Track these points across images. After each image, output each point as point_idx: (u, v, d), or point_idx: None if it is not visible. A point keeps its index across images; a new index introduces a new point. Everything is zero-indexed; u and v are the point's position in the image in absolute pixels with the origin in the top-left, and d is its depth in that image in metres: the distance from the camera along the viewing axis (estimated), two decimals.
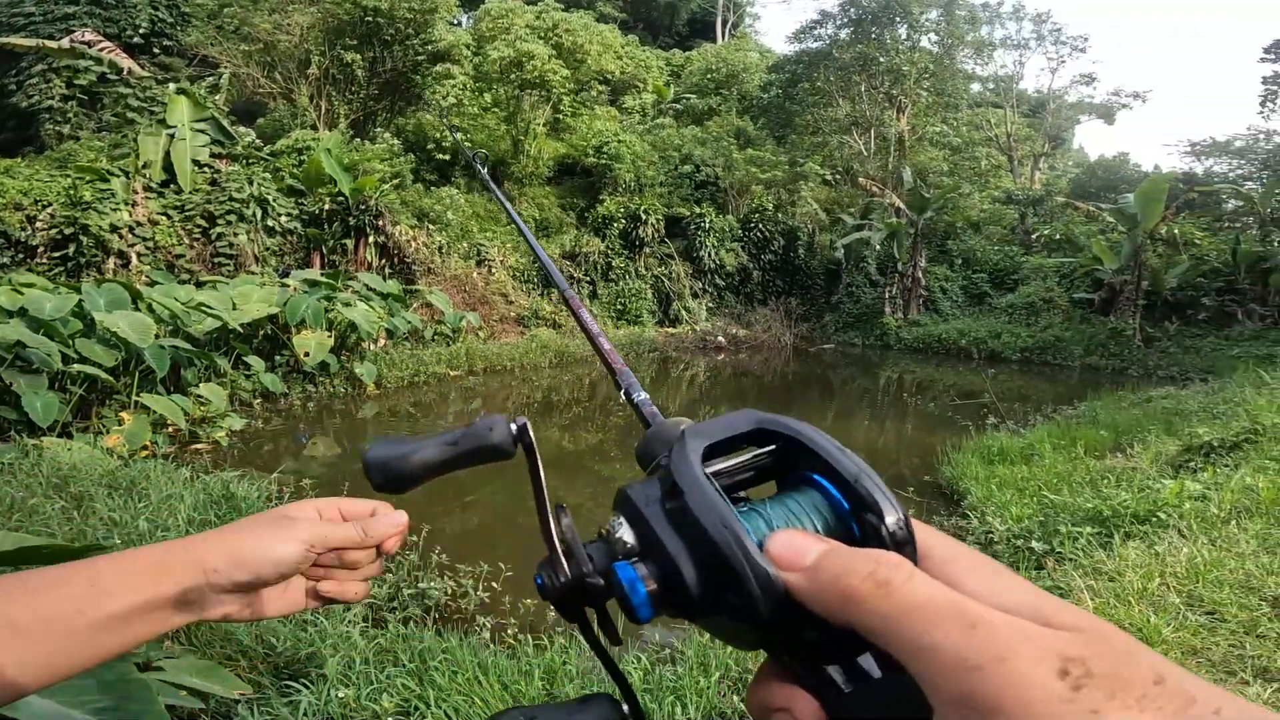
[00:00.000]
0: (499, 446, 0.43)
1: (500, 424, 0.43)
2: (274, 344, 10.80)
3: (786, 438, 0.37)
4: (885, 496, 0.33)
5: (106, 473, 5.31)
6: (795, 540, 0.32)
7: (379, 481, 0.41)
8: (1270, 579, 3.29)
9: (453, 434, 0.43)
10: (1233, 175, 22.46)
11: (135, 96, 13.80)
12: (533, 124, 19.94)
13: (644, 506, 0.36)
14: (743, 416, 0.38)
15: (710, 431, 0.37)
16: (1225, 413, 7.81)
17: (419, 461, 0.41)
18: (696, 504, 0.32)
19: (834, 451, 0.35)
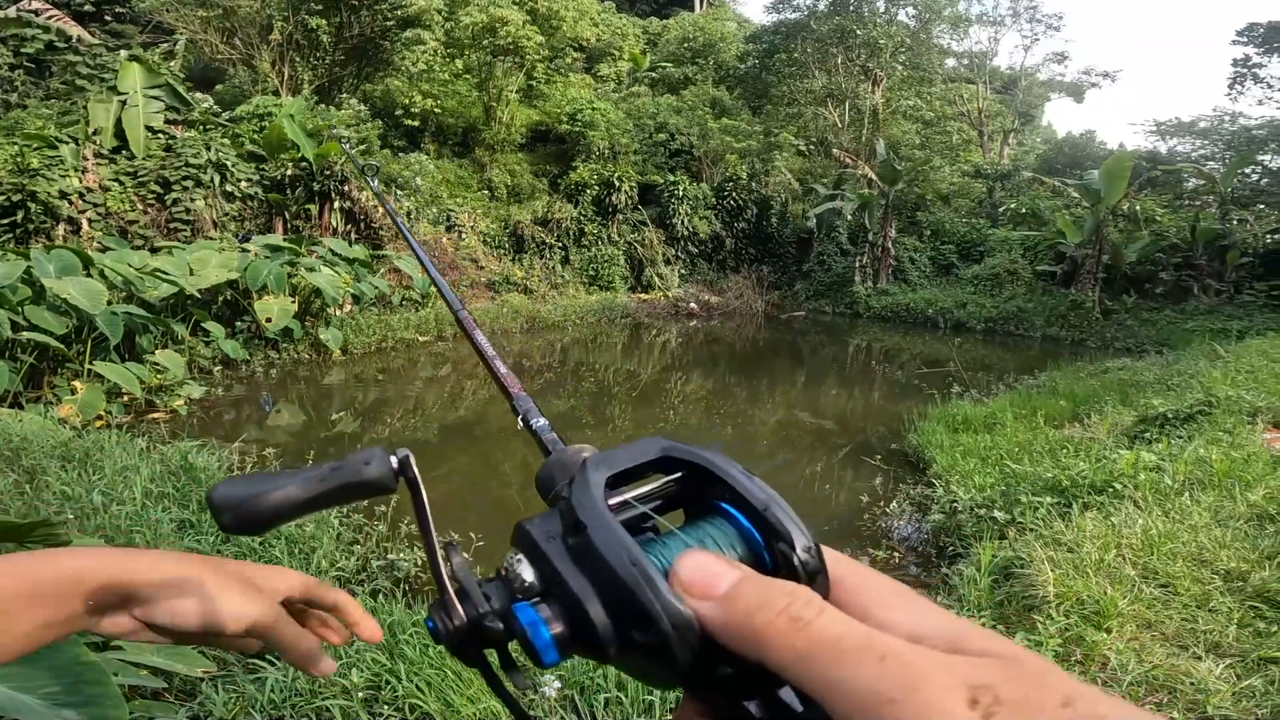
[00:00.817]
0: (375, 482, 0.39)
1: (378, 458, 0.39)
2: (235, 310, 10.53)
3: (693, 465, 0.35)
4: (795, 525, 0.32)
5: (59, 444, 5.14)
6: (706, 564, 0.30)
7: (229, 524, 0.36)
8: (1223, 552, 3.40)
9: (320, 469, 0.38)
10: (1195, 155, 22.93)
11: (85, 64, 13.22)
12: (505, 91, 19.46)
13: (544, 543, 0.33)
14: (648, 445, 0.36)
15: (613, 461, 0.35)
16: (1180, 385, 8.05)
17: (276, 501, 0.37)
18: (600, 539, 0.31)
19: (742, 479, 0.34)
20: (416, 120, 18.64)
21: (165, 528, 3.80)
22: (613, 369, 12.51)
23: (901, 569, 4.82)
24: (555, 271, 18.00)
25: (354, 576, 4.19)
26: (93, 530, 3.60)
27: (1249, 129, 20.84)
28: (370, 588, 4.07)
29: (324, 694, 2.70)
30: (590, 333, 15.79)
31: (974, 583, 3.57)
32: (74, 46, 13.83)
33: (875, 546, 5.07)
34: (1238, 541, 3.53)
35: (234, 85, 18.20)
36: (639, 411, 9.70)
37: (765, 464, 7.56)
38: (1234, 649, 2.69)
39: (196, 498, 4.44)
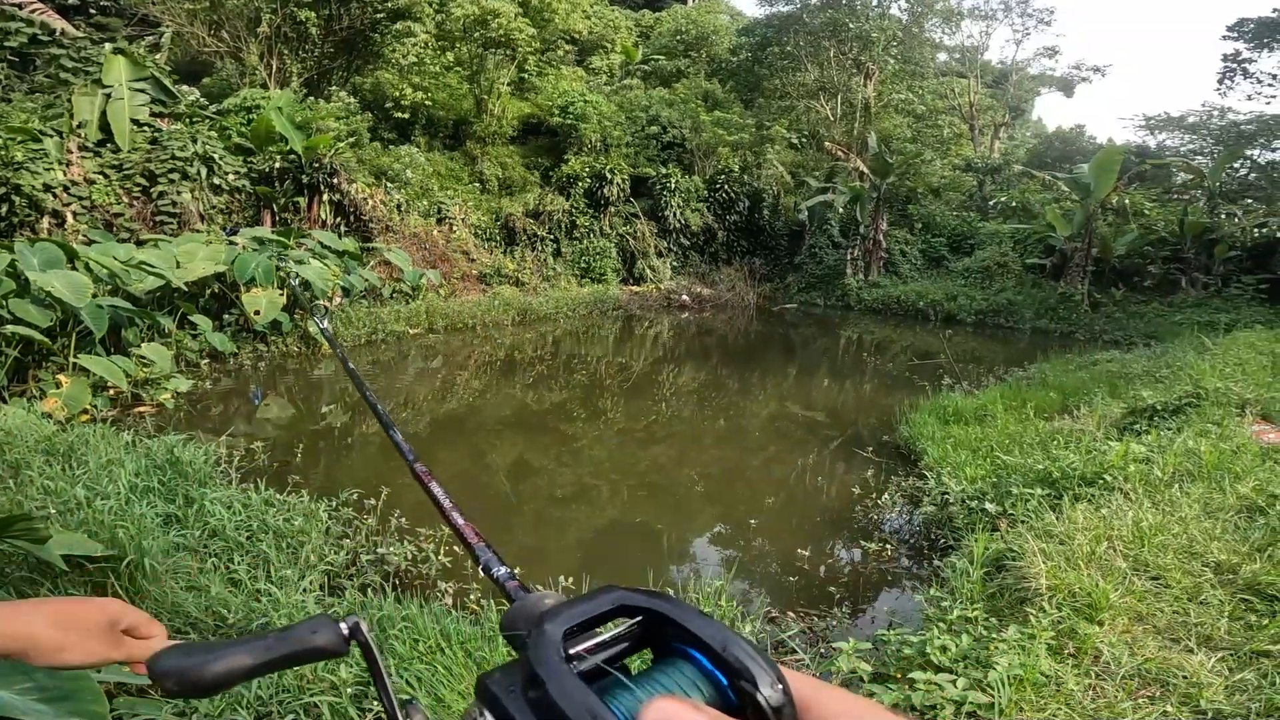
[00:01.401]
0: (324, 650, 0.39)
1: (326, 626, 0.40)
2: (222, 303, 10.43)
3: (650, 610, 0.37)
4: (755, 661, 0.33)
5: (43, 438, 5.06)
6: (673, 712, 0.30)
7: (171, 690, 0.36)
8: (1213, 544, 3.40)
9: (266, 639, 0.39)
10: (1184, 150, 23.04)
11: (69, 57, 13.04)
12: (497, 83, 19.33)
13: (505, 696, 0.34)
14: (604, 597, 0.37)
15: (570, 615, 0.36)
16: (1168, 377, 8.10)
17: (221, 671, 0.37)
18: (558, 694, 0.31)
19: (697, 622, 0.35)
20: (407, 113, 18.50)
21: (150, 522, 3.75)
22: (605, 361, 12.47)
23: (893, 561, 4.82)
24: (547, 264, 17.93)
25: (343, 571, 4.15)
26: (76, 525, 3.54)
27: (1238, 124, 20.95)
28: (360, 582, 4.03)
29: (312, 690, 2.67)
30: (582, 325, 15.74)
31: (966, 575, 3.58)
32: (58, 40, 13.67)
33: (867, 539, 5.07)
34: (1228, 533, 3.54)
35: (221, 78, 18.02)
36: (631, 404, 9.67)
37: (758, 456, 7.56)
38: (1226, 642, 2.70)
39: (183, 492, 4.38)
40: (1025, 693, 2.45)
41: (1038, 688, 2.49)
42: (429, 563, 4.37)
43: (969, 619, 3.05)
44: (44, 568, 3.02)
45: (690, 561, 5.20)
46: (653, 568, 4.72)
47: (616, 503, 6.35)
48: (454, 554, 4.57)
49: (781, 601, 4.26)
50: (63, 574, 3.05)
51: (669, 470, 7.18)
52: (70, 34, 14.00)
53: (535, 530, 5.61)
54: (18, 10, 14.08)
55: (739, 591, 4.39)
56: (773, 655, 3.44)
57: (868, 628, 3.92)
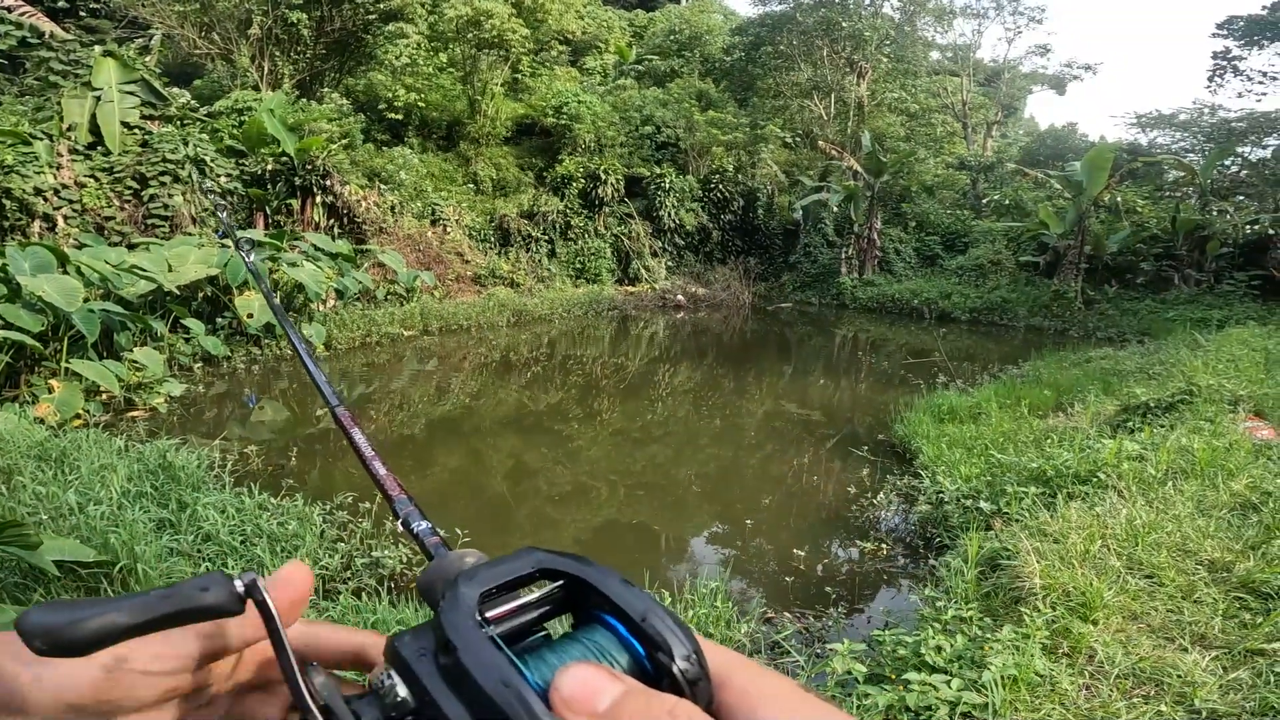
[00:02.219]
0: (216, 607, 0.36)
1: (219, 582, 0.36)
2: (215, 306, 10.39)
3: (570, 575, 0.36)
4: (673, 633, 0.32)
5: (36, 444, 5.04)
6: (589, 678, 0.29)
7: (41, 649, 0.33)
8: (1206, 542, 3.41)
9: (149, 596, 0.35)
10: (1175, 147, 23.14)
11: (59, 60, 12.99)
12: (490, 84, 19.29)
13: (415, 661, 0.32)
14: (522, 559, 0.36)
15: (485, 578, 0.34)
16: (1161, 374, 8.13)
17: (95, 629, 0.33)
18: (471, 661, 0.30)
19: (619, 589, 0.34)
20: (400, 114, 18.46)
21: (143, 528, 3.73)
22: (600, 362, 12.47)
23: (889, 560, 4.83)
24: (542, 265, 17.91)
25: (338, 574, 4.14)
26: (68, 531, 3.52)
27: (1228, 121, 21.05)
28: (354, 585, 4.02)
29: None
30: (577, 326, 15.73)
31: (961, 574, 3.58)
32: (47, 43, 13.62)
33: (863, 538, 5.08)
34: (1221, 531, 3.55)
35: (212, 80, 17.95)
36: (627, 404, 9.67)
37: (754, 455, 7.57)
38: (1220, 641, 2.70)
39: (176, 496, 4.36)
40: (1020, 693, 2.46)
41: (1032, 688, 2.49)
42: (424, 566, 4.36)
43: (964, 619, 3.06)
44: (37, 574, 3.00)
45: (687, 561, 5.20)
46: (649, 567, 4.72)
47: (613, 503, 6.35)
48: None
49: (778, 601, 4.26)
50: (55, 579, 3.03)
51: (665, 470, 7.17)
52: (60, 36, 13.94)
53: (532, 531, 5.60)
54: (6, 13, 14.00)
55: (736, 591, 4.39)
56: (768, 656, 3.44)
57: (863, 627, 3.93)
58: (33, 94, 13.22)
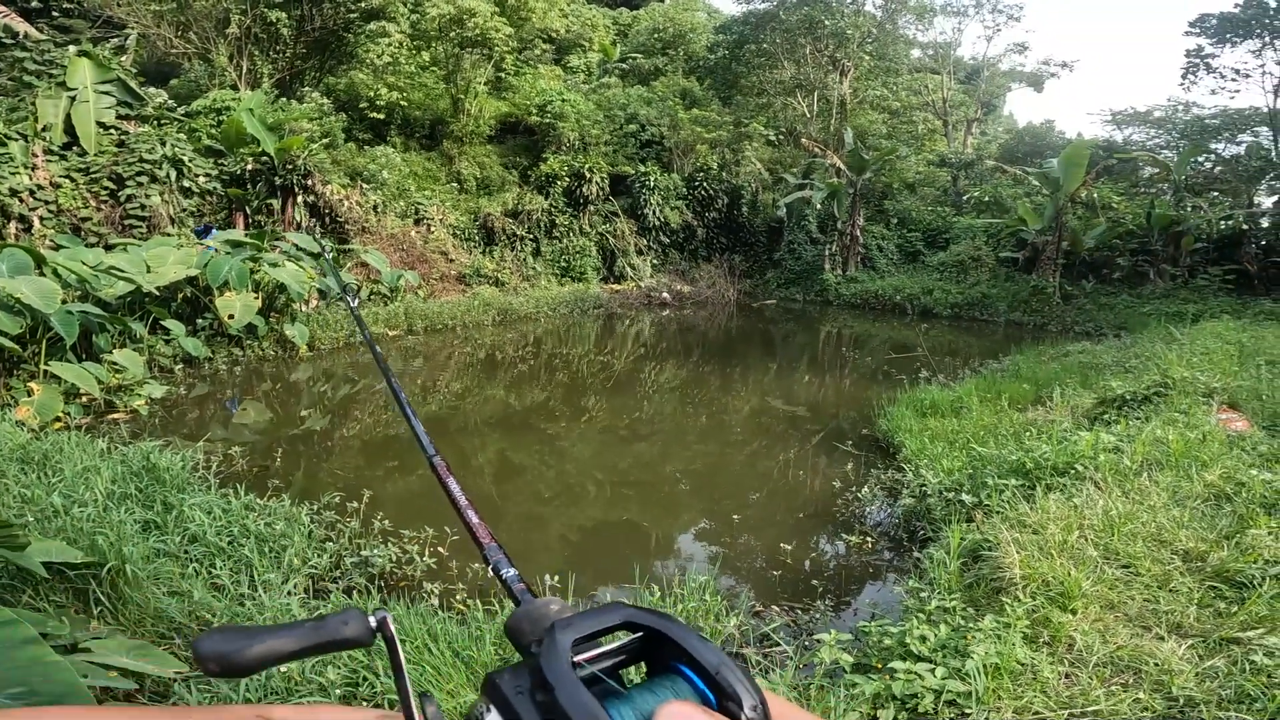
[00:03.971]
0: (355, 640, 0.43)
1: (357, 619, 0.43)
2: (195, 307, 10.27)
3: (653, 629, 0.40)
4: (744, 686, 0.36)
5: (17, 447, 4.97)
6: (690, 714, 0.34)
7: (214, 670, 0.39)
8: (1181, 532, 3.50)
9: (303, 627, 0.41)
10: (1150, 144, 23.51)
11: (33, 60, 12.76)
12: (474, 82, 19.19)
13: (513, 696, 0.37)
14: (610, 612, 0.40)
15: (579, 626, 0.39)
16: (1137, 367, 8.29)
17: (259, 654, 0.40)
18: (567, 700, 0.34)
19: (696, 644, 0.39)
20: (382, 113, 18.31)
21: (129, 529, 3.70)
22: (586, 360, 12.48)
23: (874, 554, 4.90)
24: (527, 263, 17.87)
25: (327, 574, 4.13)
26: (54, 533, 3.50)
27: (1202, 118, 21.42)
28: (344, 585, 4.02)
29: (300, 692, 2.67)
30: (563, 324, 15.72)
31: (944, 566, 3.65)
32: (21, 42, 13.38)
33: (848, 532, 5.15)
34: (1195, 521, 3.65)
35: (189, 80, 17.71)
36: (614, 402, 9.70)
37: (740, 452, 7.63)
38: (1196, 629, 2.78)
39: (160, 498, 4.33)
40: (1003, 681, 2.52)
41: (1014, 676, 2.56)
42: (413, 564, 4.37)
43: (947, 609, 3.12)
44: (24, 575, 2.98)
45: (676, 557, 5.24)
46: (639, 564, 4.76)
47: (601, 500, 6.38)
48: (438, 555, 4.57)
49: (766, 595, 4.31)
50: (43, 581, 3.01)
51: (653, 467, 7.21)
52: (34, 36, 13.71)
53: (521, 529, 5.62)
54: None
55: (724, 586, 4.44)
56: (758, 648, 3.49)
57: (850, 619, 3.99)
58: (6, 94, 12.99)
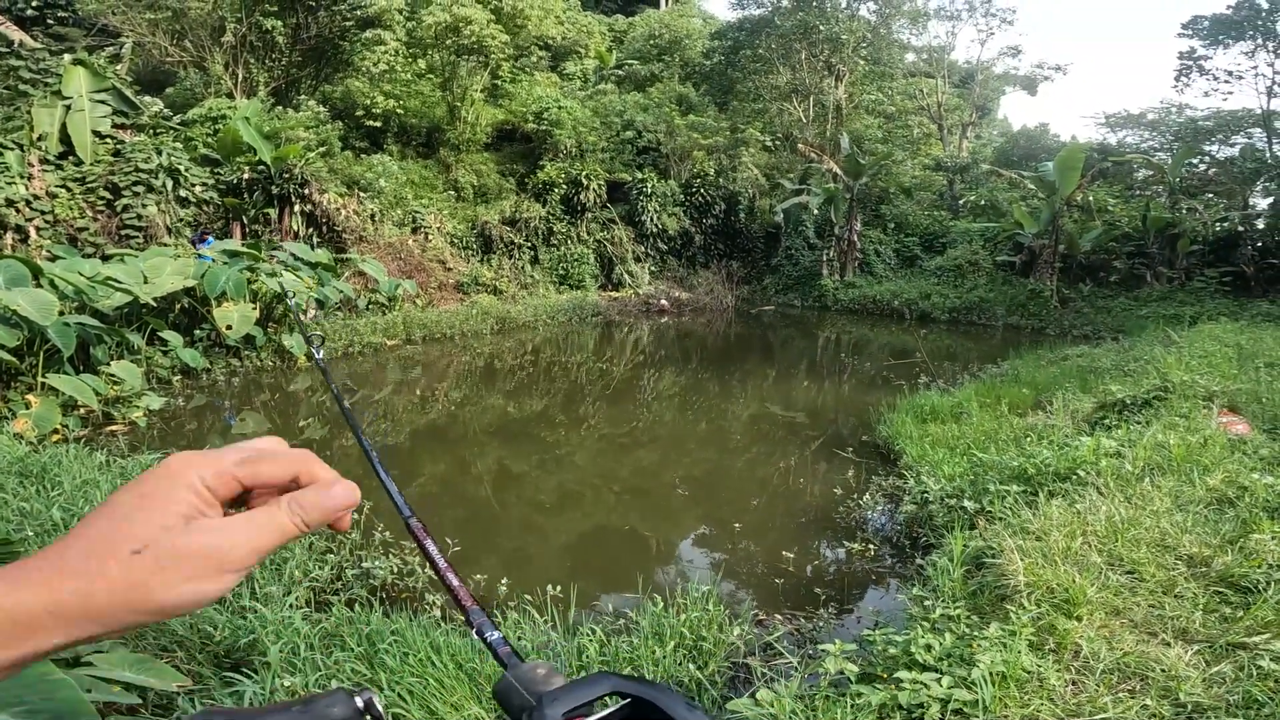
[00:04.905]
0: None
1: (343, 701, 0.42)
2: (193, 318, 10.26)
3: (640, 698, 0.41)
4: None
5: (15, 460, 4.95)
6: None
7: None
8: (1185, 537, 3.49)
9: (290, 711, 0.41)
10: (1144, 146, 23.60)
11: (27, 68, 12.75)
12: (470, 90, 19.24)
13: None
14: (598, 682, 0.41)
15: (567, 700, 0.40)
16: (1136, 370, 8.29)
17: None
18: None
19: (683, 711, 0.39)
20: (379, 121, 18.34)
21: None
22: (585, 368, 12.47)
23: (877, 561, 4.89)
24: (525, 271, 17.88)
25: (329, 586, 4.11)
26: None
27: (1195, 120, 21.51)
28: (346, 596, 4.00)
29: None
30: (561, 332, 15.72)
31: (947, 573, 3.64)
32: (16, 51, 13.37)
33: (850, 539, 5.14)
34: (1199, 526, 3.64)
35: (185, 88, 17.71)
36: (613, 409, 9.69)
37: (740, 459, 7.61)
38: (1201, 635, 2.77)
39: None
40: (1009, 689, 2.51)
41: (1020, 684, 2.55)
42: (415, 575, 4.35)
43: (951, 617, 3.11)
44: None
45: (677, 566, 5.22)
46: (641, 572, 4.74)
47: (601, 509, 6.36)
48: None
49: (769, 604, 4.30)
50: None
51: (653, 475, 7.20)
52: (28, 45, 13.71)
53: (521, 538, 5.60)
54: None
55: (726, 594, 4.43)
56: (761, 658, 3.48)
57: (854, 628, 3.98)
58: (1, 103, 12.99)
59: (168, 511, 0.41)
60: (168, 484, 0.42)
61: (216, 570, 0.41)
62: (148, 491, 0.42)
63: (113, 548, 0.40)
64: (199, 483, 0.43)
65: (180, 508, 0.42)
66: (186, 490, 0.42)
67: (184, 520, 0.41)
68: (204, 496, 0.43)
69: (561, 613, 3.65)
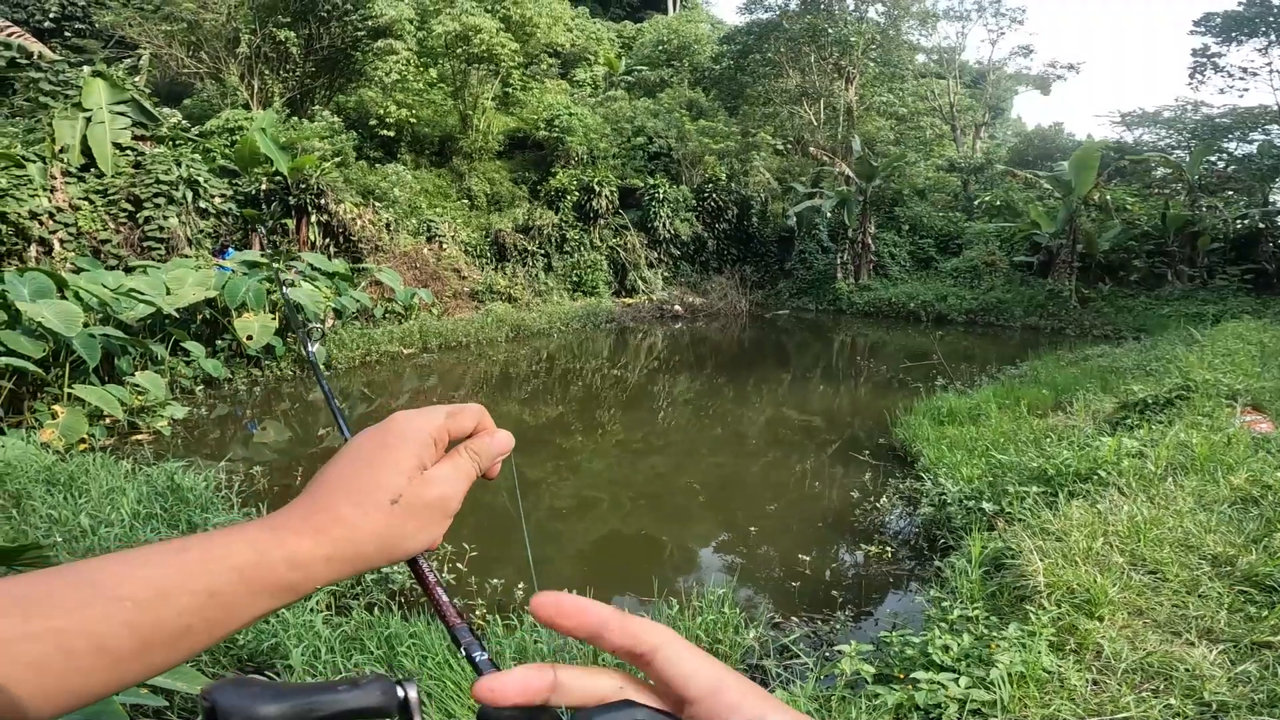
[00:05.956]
0: (382, 709, 0.41)
1: (386, 687, 0.41)
2: (214, 328, 10.41)
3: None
4: None
5: (43, 468, 5.06)
6: None
7: None
8: (1208, 537, 3.45)
9: (335, 690, 0.40)
10: (1161, 144, 23.33)
11: (48, 80, 12.99)
12: (481, 98, 19.42)
13: None
14: (621, 713, 0.38)
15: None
16: (1158, 370, 8.19)
17: (273, 715, 0.38)
18: None
19: None
20: (392, 130, 18.54)
21: None
22: (600, 374, 12.51)
23: (894, 563, 4.86)
24: (538, 279, 17.97)
25: (348, 590, 4.16)
26: (82, 553, 3.55)
27: (1212, 118, 21.24)
28: (365, 601, 4.04)
29: None
30: (576, 339, 15.77)
31: (965, 575, 3.62)
32: (36, 63, 13.59)
33: (867, 542, 5.11)
34: (1223, 525, 3.59)
35: (202, 99, 18.00)
36: (628, 415, 9.70)
37: (756, 463, 7.60)
38: (1226, 634, 2.73)
39: (185, 517, 4.39)
40: (1028, 689, 2.49)
41: (1040, 684, 2.53)
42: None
43: (970, 618, 3.09)
44: None
45: (693, 569, 5.22)
46: (656, 576, 4.74)
47: (617, 513, 6.38)
48: (456, 570, 4.58)
49: (785, 606, 4.29)
50: None
51: (669, 480, 7.20)
52: (48, 57, 13.92)
53: (538, 544, 5.63)
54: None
55: (742, 598, 4.42)
56: (777, 660, 3.47)
57: (871, 630, 3.96)
58: (23, 115, 13.21)
59: (408, 463, 0.47)
60: (401, 438, 0.48)
61: (444, 516, 0.48)
62: (390, 444, 0.47)
63: (375, 498, 0.45)
64: (427, 436, 0.48)
65: (415, 460, 0.47)
66: (418, 444, 0.48)
67: (420, 471, 0.47)
68: (431, 449, 0.49)
69: None
